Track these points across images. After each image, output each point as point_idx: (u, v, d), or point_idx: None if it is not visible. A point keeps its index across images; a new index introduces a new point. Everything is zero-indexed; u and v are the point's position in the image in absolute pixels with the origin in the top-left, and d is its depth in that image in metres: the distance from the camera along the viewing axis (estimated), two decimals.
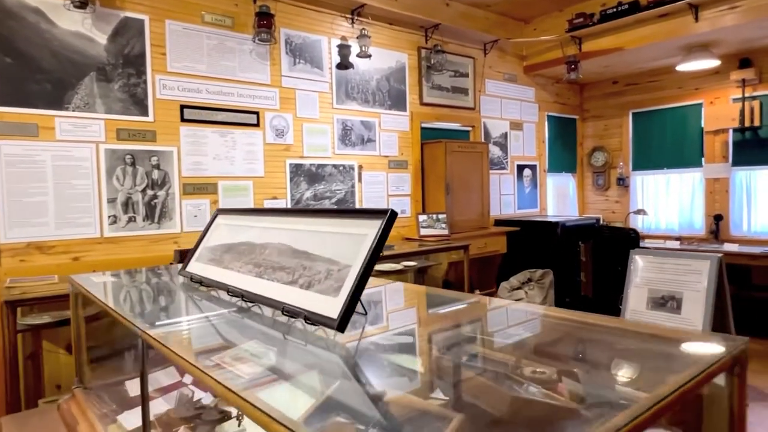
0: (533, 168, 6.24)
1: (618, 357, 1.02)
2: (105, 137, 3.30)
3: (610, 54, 5.33)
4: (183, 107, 3.60)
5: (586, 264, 5.40)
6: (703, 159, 5.80)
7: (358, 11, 4.44)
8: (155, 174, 3.49)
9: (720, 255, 3.23)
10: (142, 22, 3.43)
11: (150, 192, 3.47)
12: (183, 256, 3.27)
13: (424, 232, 4.63)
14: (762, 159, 5.40)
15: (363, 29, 4.38)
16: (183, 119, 3.60)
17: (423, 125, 5.06)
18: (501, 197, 5.82)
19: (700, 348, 0.95)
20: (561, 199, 6.71)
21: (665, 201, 6.19)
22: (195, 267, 1.65)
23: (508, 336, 1.19)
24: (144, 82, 3.44)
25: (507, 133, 5.89)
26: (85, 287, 1.60)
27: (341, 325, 0.95)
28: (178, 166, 3.58)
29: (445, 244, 4.42)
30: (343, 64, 4.34)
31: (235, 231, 1.60)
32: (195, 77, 3.65)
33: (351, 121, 4.50)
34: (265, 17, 3.79)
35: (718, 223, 5.60)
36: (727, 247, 5.10)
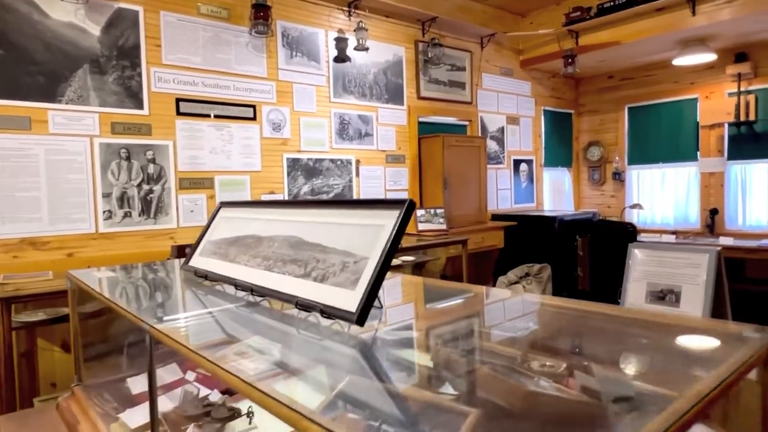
0: (529, 163, 6.23)
1: (647, 350, 1.00)
2: (99, 131, 3.23)
3: (606, 48, 5.32)
4: (178, 100, 3.54)
5: (583, 258, 5.41)
6: (699, 153, 5.82)
7: (355, 4, 4.39)
8: (151, 168, 3.43)
9: (719, 248, 3.23)
10: (136, 13, 3.37)
11: (146, 187, 3.41)
12: (180, 251, 3.22)
13: (422, 226, 4.60)
14: (757, 153, 5.43)
15: (360, 22, 4.33)
16: (179, 113, 3.54)
17: (420, 119, 5.02)
18: (498, 192, 5.81)
19: (727, 339, 0.93)
20: (557, 194, 6.71)
21: (661, 195, 6.21)
22: (199, 261, 1.61)
23: (526, 329, 1.17)
24: (139, 74, 3.38)
25: (504, 128, 5.87)
26: (86, 283, 1.55)
27: (360, 319, 0.92)
28: (174, 160, 3.52)
29: (444, 238, 4.40)
30: (340, 57, 4.29)
31: (240, 224, 1.56)
32: (190, 70, 3.59)
33: (348, 115, 4.46)
34: (262, 9, 3.73)
35: (713, 217, 5.62)
36: (723, 241, 5.12)
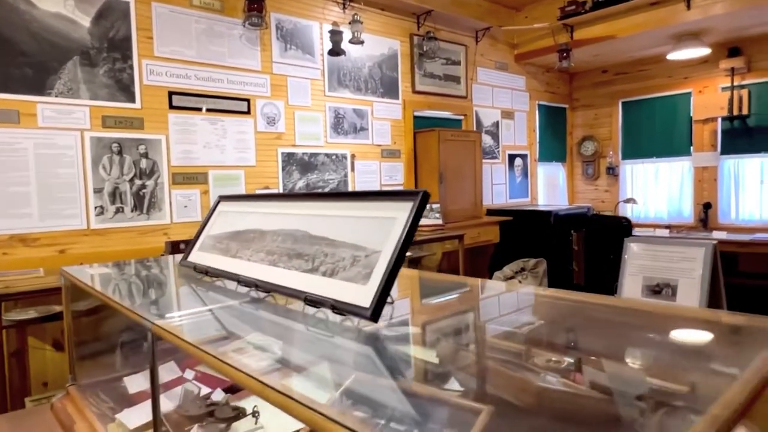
0: (524, 157, 6.22)
1: (662, 345, 0.97)
2: (90, 124, 3.16)
3: (601, 42, 5.31)
4: (171, 94, 3.47)
5: (578, 253, 5.41)
6: (692, 148, 5.84)
7: None
8: (143, 163, 3.37)
9: (714, 242, 3.23)
10: (127, 4, 3.29)
11: (138, 182, 3.35)
12: (174, 247, 3.16)
13: None
14: (750, 147, 5.46)
15: (355, 15, 4.28)
16: (171, 106, 3.47)
17: (415, 114, 4.98)
18: (493, 187, 5.79)
19: (743, 332, 0.91)
20: (551, 189, 6.71)
21: (654, 190, 6.23)
22: (198, 257, 1.56)
23: (536, 323, 1.14)
24: (130, 67, 3.30)
25: (498, 122, 5.85)
26: (83, 280, 1.50)
27: (374, 315, 0.88)
28: (167, 154, 3.46)
29: (440, 233, 4.37)
30: (335, 50, 4.24)
31: (241, 218, 1.52)
32: (183, 62, 3.52)
33: (343, 109, 4.41)
34: (256, 1, 3.66)
35: (707, 212, 5.65)
36: (716, 235, 5.14)
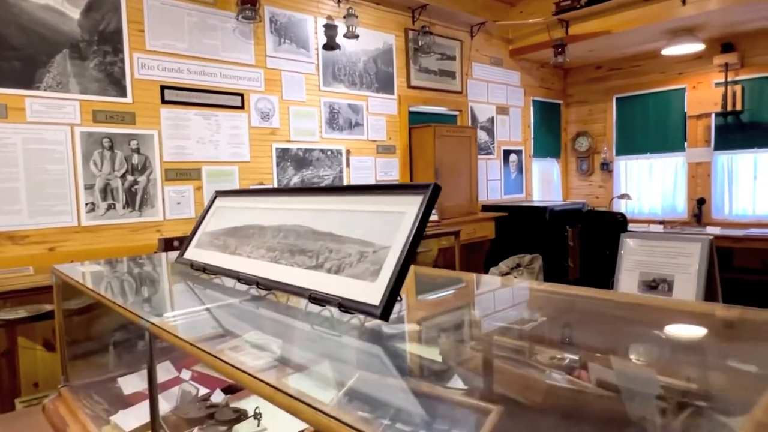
0: (519, 153, 6.20)
1: (675, 341, 0.94)
2: (80, 119, 3.09)
3: (596, 37, 5.30)
4: (163, 88, 3.40)
5: (573, 249, 5.41)
6: (686, 143, 5.85)
7: None
8: (135, 158, 3.30)
9: (711, 237, 3.23)
10: None
11: (130, 178, 3.28)
12: (168, 244, 3.11)
13: None
14: (743, 143, 5.47)
15: (350, 8, 4.23)
16: (164, 101, 3.41)
17: (410, 109, 4.94)
18: (488, 183, 5.77)
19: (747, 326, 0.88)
20: (545, 185, 6.71)
21: (648, 185, 6.24)
22: (195, 254, 1.52)
23: (550, 320, 1.11)
24: (121, 60, 3.23)
25: (493, 118, 5.83)
26: (75, 278, 1.45)
27: (385, 313, 0.84)
28: (159, 150, 3.39)
29: (436, 230, 4.35)
30: (330, 44, 4.18)
31: (240, 213, 1.47)
32: (176, 56, 3.45)
33: (338, 104, 4.36)
34: None
35: (700, 207, 5.67)
36: (710, 230, 5.16)
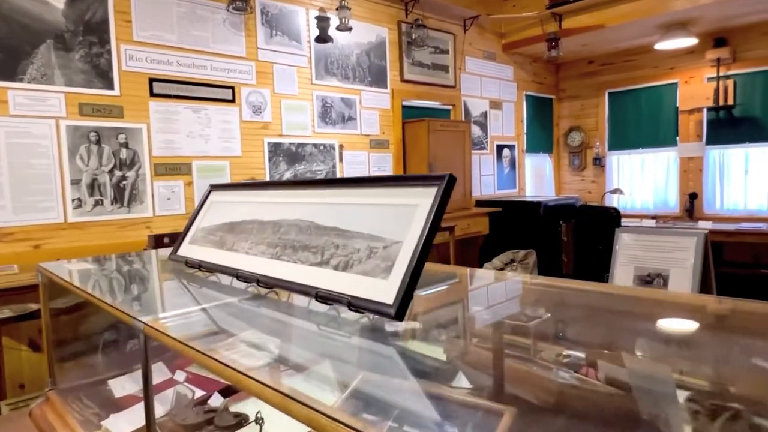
0: (512, 148, 6.17)
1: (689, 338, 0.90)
2: (66, 112, 2.99)
3: (589, 32, 5.27)
4: (152, 80, 3.31)
5: (567, 244, 5.40)
6: (678, 138, 5.86)
7: None
8: (123, 153, 3.21)
9: (705, 231, 3.22)
10: None
11: (118, 173, 3.19)
12: (158, 241, 3.02)
13: None
14: (735, 138, 5.49)
15: (342, 0, 4.15)
16: (152, 94, 3.32)
17: (403, 103, 4.89)
18: (481, 178, 5.74)
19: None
20: (538, 180, 6.69)
21: (641, 180, 6.25)
22: (189, 250, 1.45)
23: (553, 315, 1.07)
24: (108, 52, 3.14)
25: (487, 113, 5.79)
26: (62, 277, 1.38)
27: (400, 312, 0.79)
28: (148, 144, 3.30)
29: None
30: (322, 37, 4.11)
31: (236, 208, 1.41)
32: (164, 48, 3.36)
33: (331, 98, 4.29)
34: None
35: (692, 202, 5.68)
36: (702, 225, 5.17)
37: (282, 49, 3.97)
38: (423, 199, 0.89)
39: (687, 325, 0.97)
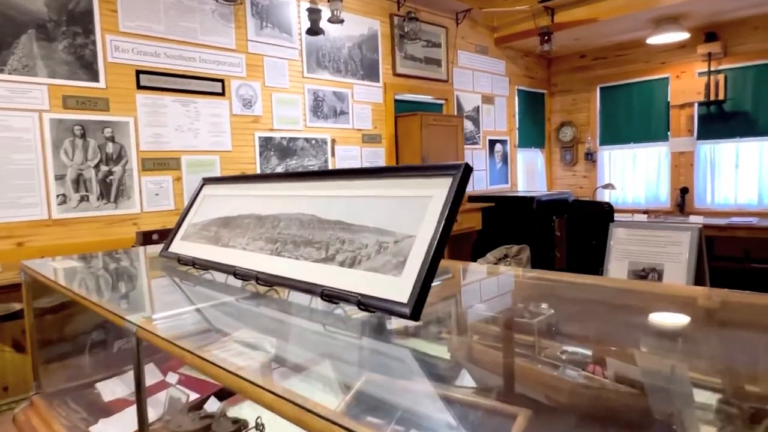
0: (504, 143, 6.14)
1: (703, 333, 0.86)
2: (49, 105, 2.89)
3: (582, 25, 5.25)
4: (139, 72, 3.21)
5: (560, 239, 5.38)
6: (669, 133, 5.87)
7: None
8: (110, 147, 3.11)
9: (699, 226, 3.20)
10: None
11: (104, 168, 3.09)
12: (146, 238, 2.94)
13: None
14: (725, 132, 5.50)
15: None
16: (139, 86, 3.22)
17: (396, 97, 4.82)
18: (474, 173, 5.69)
19: None
20: (530, 175, 6.67)
21: (632, 175, 6.26)
22: (181, 246, 1.38)
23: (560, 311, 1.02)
24: (92, 42, 3.03)
25: (479, 107, 5.74)
26: (47, 276, 1.31)
27: (415, 312, 0.73)
28: (135, 138, 3.21)
29: None
30: (313, 29, 4.03)
31: (231, 202, 1.34)
32: (151, 39, 3.26)
33: (323, 92, 4.21)
34: None
35: (683, 196, 5.70)
36: (693, 219, 5.19)
37: (272, 42, 3.88)
38: (437, 190, 0.83)
39: (695, 319, 0.93)
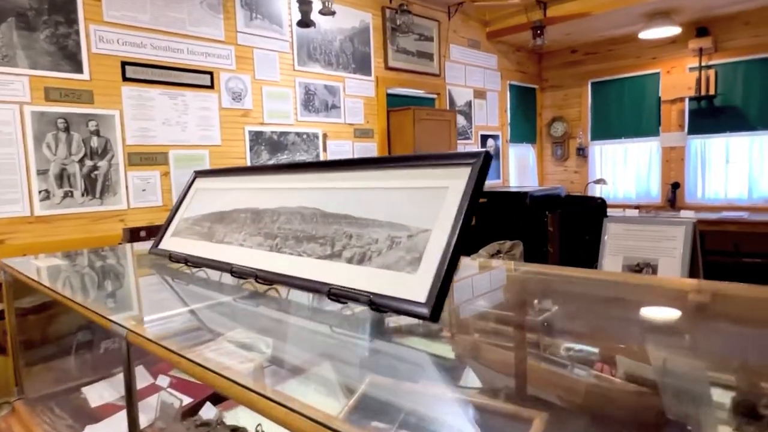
0: (496, 138, 6.10)
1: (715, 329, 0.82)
2: (30, 97, 2.78)
3: (574, 20, 5.21)
4: (124, 64, 3.11)
5: (553, 234, 5.36)
6: (660, 128, 5.87)
7: None
8: (94, 141, 3.01)
9: (694, 221, 3.19)
10: None
11: (89, 162, 2.99)
12: (133, 235, 2.85)
13: None
14: (716, 127, 5.52)
15: None
16: (125, 78, 3.12)
17: (388, 91, 4.75)
18: None
19: None
20: (521, 170, 6.65)
21: (623, 170, 6.26)
22: (172, 243, 1.31)
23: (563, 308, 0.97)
24: (76, 32, 2.92)
25: (471, 102, 5.70)
26: (28, 274, 1.23)
27: (435, 312, 0.67)
28: (121, 132, 3.11)
29: None
30: (304, 21, 3.94)
31: (226, 195, 1.27)
32: (137, 29, 3.15)
33: (314, 85, 4.13)
34: None
35: (674, 191, 5.71)
36: (684, 214, 5.20)
37: (263, 33, 3.79)
38: (453, 181, 0.77)
39: (706, 314, 0.88)
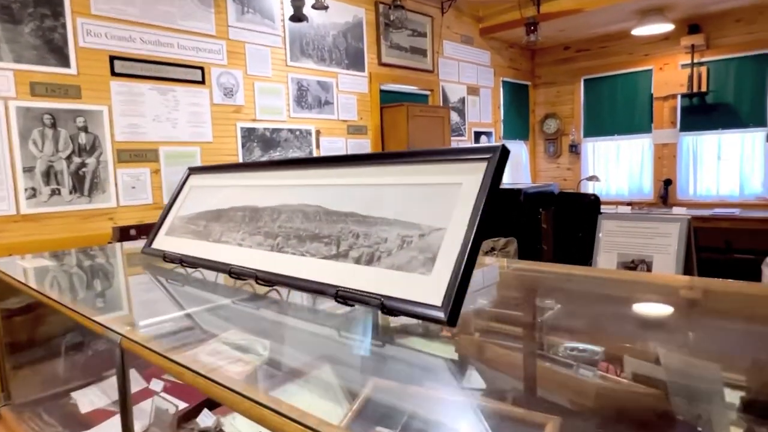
0: (489, 135, 6.08)
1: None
2: (15, 92, 2.70)
3: (568, 16, 5.20)
4: (113, 58, 3.03)
5: (546, 231, 5.35)
6: (652, 125, 5.88)
7: None
8: (82, 138, 2.93)
9: (688, 218, 3.18)
10: None
11: (77, 159, 2.91)
12: (123, 233, 2.78)
13: None
14: (708, 124, 5.53)
15: None
16: (114, 73, 3.04)
17: (381, 87, 4.71)
18: None
19: None
20: (514, 167, 6.63)
21: (615, 167, 6.26)
22: (166, 242, 1.26)
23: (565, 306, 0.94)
24: (62, 25, 2.84)
25: (464, 98, 5.66)
26: (14, 276, 1.17)
27: (452, 316, 0.63)
28: (110, 128, 3.03)
29: None
30: (297, 16, 3.87)
31: (222, 193, 1.22)
32: (126, 23, 3.08)
33: (307, 81, 4.07)
34: None
35: (667, 188, 5.72)
36: (676, 211, 5.21)
37: (254, 28, 3.72)
38: (467, 177, 0.73)
39: (713, 312, 0.85)
